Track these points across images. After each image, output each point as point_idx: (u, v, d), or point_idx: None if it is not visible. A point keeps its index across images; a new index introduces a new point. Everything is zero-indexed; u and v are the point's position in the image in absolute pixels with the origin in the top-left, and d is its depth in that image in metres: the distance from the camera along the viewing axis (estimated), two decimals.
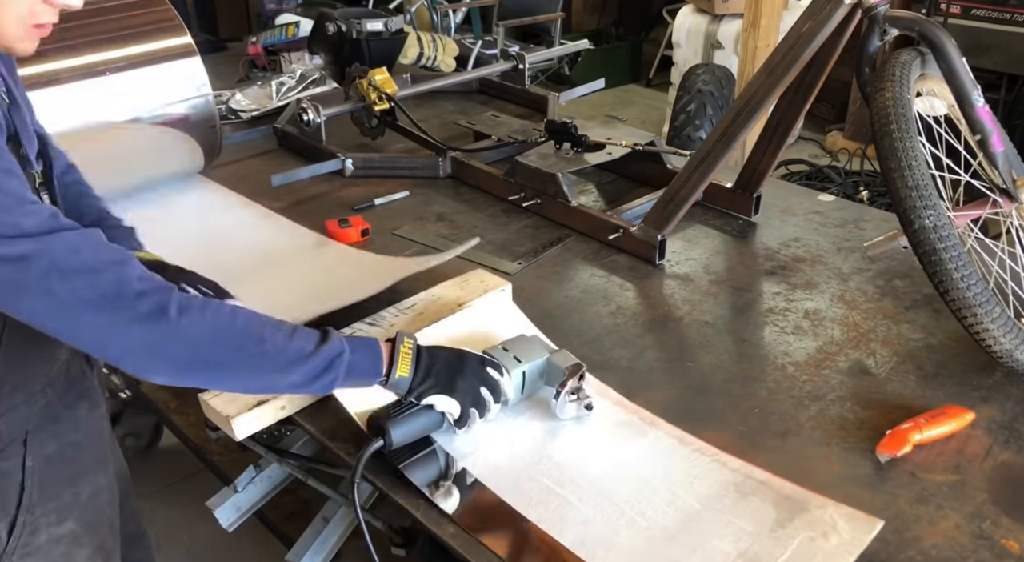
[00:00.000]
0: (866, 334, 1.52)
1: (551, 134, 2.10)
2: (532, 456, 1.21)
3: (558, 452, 1.22)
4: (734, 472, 1.18)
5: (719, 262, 1.79)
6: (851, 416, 1.31)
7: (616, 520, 1.10)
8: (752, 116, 1.69)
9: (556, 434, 1.26)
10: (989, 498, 1.15)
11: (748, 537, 1.07)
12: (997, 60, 3.81)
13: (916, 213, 1.32)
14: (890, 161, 1.36)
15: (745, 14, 3.61)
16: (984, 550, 1.07)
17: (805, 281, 1.70)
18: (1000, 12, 3.78)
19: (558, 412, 1.26)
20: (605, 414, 1.29)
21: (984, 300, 1.31)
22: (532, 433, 1.26)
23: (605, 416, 1.29)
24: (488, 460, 1.20)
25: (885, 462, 1.21)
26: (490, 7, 3.44)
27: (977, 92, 1.46)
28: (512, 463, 1.20)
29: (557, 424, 1.27)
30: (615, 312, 1.60)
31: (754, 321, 1.58)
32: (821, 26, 1.60)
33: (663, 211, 1.78)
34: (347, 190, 2.10)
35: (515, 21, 3.20)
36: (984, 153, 1.48)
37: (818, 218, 1.96)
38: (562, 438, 1.25)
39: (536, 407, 1.30)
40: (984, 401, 1.34)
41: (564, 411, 1.26)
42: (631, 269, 1.76)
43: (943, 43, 1.45)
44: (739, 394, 1.37)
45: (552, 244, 1.85)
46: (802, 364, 1.44)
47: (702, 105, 4.09)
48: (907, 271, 1.71)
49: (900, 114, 1.38)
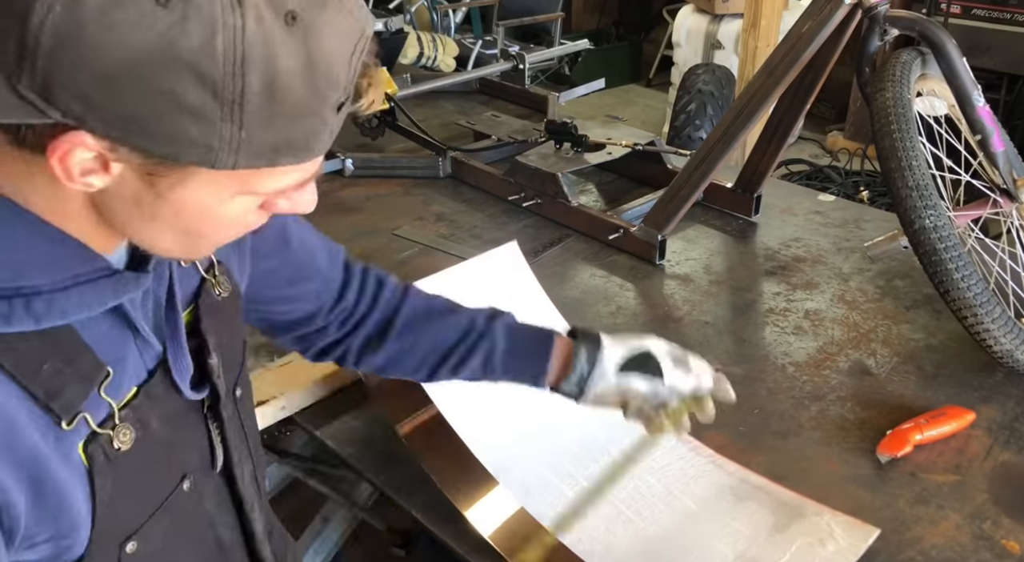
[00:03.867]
0: (866, 334, 1.52)
1: (551, 134, 2.10)
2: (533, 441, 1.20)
3: (557, 446, 1.22)
4: (730, 475, 1.18)
5: (719, 262, 1.79)
6: (851, 416, 1.31)
7: (614, 519, 1.10)
8: (752, 116, 1.69)
9: (555, 429, 1.25)
10: (990, 498, 1.15)
11: (745, 540, 1.07)
12: (997, 60, 3.80)
13: (916, 213, 1.32)
14: (890, 161, 1.36)
15: (745, 14, 3.60)
16: (984, 550, 1.06)
17: (805, 281, 1.70)
18: (1000, 12, 3.78)
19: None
20: (603, 411, 1.29)
21: (984, 300, 1.31)
22: (530, 424, 1.25)
23: (602, 413, 1.29)
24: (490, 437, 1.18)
25: (885, 462, 1.21)
26: (490, 7, 3.43)
27: (977, 92, 1.46)
28: (512, 446, 1.19)
29: (555, 416, 1.26)
30: (615, 312, 1.60)
31: (754, 321, 1.58)
32: (821, 26, 1.60)
33: (663, 211, 1.78)
34: (347, 190, 2.10)
35: (515, 21, 3.20)
36: (984, 153, 1.48)
37: (818, 218, 1.96)
38: (561, 434, 1.25)
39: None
40: (984, 401, 1.33)
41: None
42: (631, 269, 1.76)
43: (943, 43, 1.45)
44: (739, 394, 1.37)
45: (552, 244, 1.85)
46: (802, 364, 1.44)
47: (702, 105, 4.08)
48: (907, 271, 1.71)
49: (900, 114, 1.38)
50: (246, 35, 0.53)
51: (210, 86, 0.53)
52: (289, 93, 0.55)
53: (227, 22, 0.52)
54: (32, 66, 0.52)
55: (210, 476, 0.82)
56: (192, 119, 0.54)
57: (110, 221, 0.63)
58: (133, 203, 0.60)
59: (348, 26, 0.58)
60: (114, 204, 0.61)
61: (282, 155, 0.58)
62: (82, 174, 0.56)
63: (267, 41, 0.53)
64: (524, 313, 1.28)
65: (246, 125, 0.55)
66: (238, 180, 0.60)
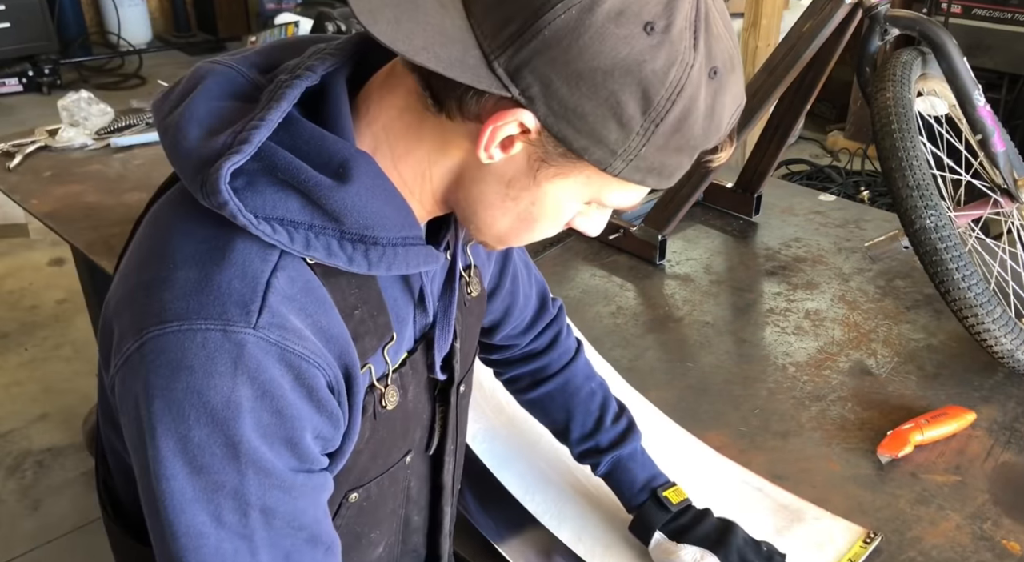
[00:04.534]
0: (867, 334, 1.52)
1: None
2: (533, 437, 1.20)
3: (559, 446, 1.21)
4: (730, 477, 1.18)
5: (719, 262, 1.79)
6: (852, 416, 1.31)
7: (614, 520, 1.10)
8: (753, 116, 1.69)
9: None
10: (990, 499, 1.15)
11: None
12: (998, 60, 3.80)
13: (917, 213, 1.32)
14: (891, 161, 1.36)
15: (745, 14, 3.60)
16: (985, 551, 1.06)
17: (806, 281, 1.70)
18: (1001, 12, 3.78)
19: None
20: None
21: (985, 300, 1.31)
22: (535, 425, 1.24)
23: None
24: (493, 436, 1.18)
25: (886, 463, 1.21)
26: None
27: (978, 92, 1.46)
28: (512, 443, 1.18)
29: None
30: (615, 312, 1.60)
31: (755, 321, 1.58)
32: (822, 26, 1.60)
33: (663, 211, 1.78)
34: None
35: None
36: (985, 153, 1.48)
37: (819, 218, 1.96)
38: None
39: None
40: (985, 401, 1.33)
41: None
42: (631, 269, 1.75)
43: (944, 43, 1.45)
44: (740, 394, 1.37)
45: (552, 244, 1.85)
46: (803, 364, 1.44)
47: None
48: (908, 271, 1.70)
49: (901, 114, 1.37)
50: (691, 73, 0.61)
51: (647, 104, 0.61)
52: (690, 129, 0.64)
53: (684, 59, 0.61)
54: (518, 50, 0.59)
55: (423, 458, 0.89)
56: (617, 126, 0.62)
57: (462, 194, 0.70)
58: (506, 183, 0.67)
59: (739, 93, 0.67)
60: (486, 180, 0.68)
61: (652, 177, 0.66)
62: (498, 145, 0.64)
63: (698, 83, 0.62)
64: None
65: (649, 143, 0.63)
66: (600, 187, 0.68)
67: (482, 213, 0.71)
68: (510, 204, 0.69)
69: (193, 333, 0.61)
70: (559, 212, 0.70)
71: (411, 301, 0.78)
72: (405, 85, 0.67)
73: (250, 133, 0.62)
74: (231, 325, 0.61)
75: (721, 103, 0.64)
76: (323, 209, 0.64)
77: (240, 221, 0.61)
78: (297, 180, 0.63)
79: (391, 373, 0.76)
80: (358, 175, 0.65)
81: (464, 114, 0.63)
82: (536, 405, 1.12)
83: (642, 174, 0.65)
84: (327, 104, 0.68)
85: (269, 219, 0.63)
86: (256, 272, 0.63)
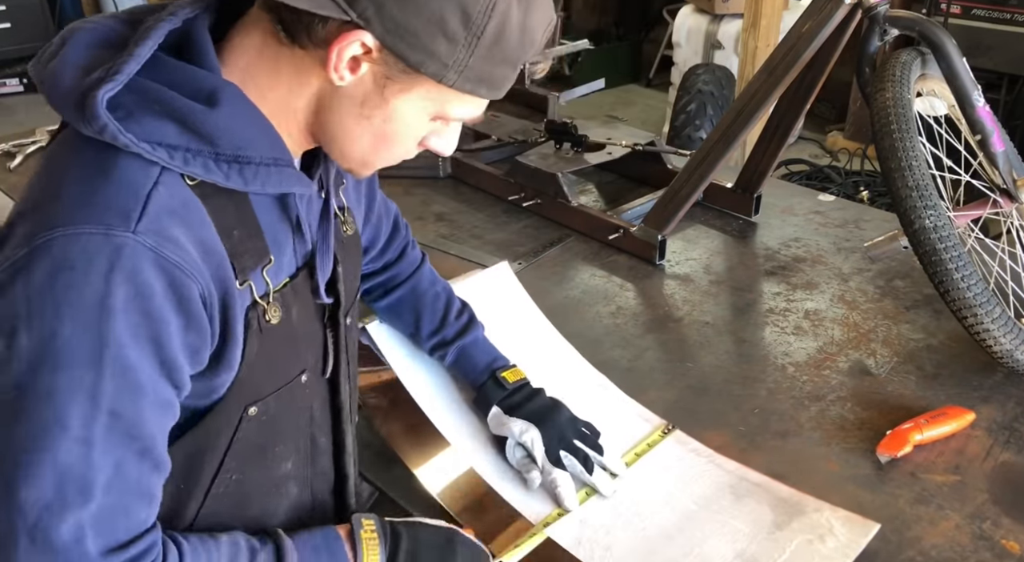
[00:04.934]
0: (866, 334, 1.52)
1: (551, 134, 2.10)
2: None
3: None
4: (729, 474, 1.18)
5: (719, 262, 1.79)
6: (851, 416, 1.31)
7: (613, 520, 1.10)
8: (752, 116, 1.69)
9: None
10: (989, 498, 1.15)
11: (745, 538, 1.07)
12: (998, 60, 3.80)
13: (916, 213, 1.32)
14: (890, 161, 1.36)
15: (745, 14, 3.60)
16: (984, 550, 1.06)
17: (805, 281, 1.70)
18: (1001, 12, 3.78)
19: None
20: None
21: (984, 300, 1.31)
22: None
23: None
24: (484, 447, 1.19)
25: (885, 462, 1.21)
26: None
27: (977, 92, 1.46)
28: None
29: None
30: (615, 312, 1.60)
31: (754, 321, 1.58)
32: (821, 26, 1.60)
33: (663, 211, 1.78)
34: None
35: None
36: (984, 153, 1.48)
37: (818, 218, 1.96)
38: None
39: None
40: (984, 401, 1.33)
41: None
42: (631, 269, 1.76)
43: (943, 43, 1.45)
44: (739, 394, 1.37)
45: (552, 244, 1.85)
46: (802, 364, 1.44)
47: (702, 105, 4.08)
48: (907, 271, 1.71)
49: (900, 114, 1.38)
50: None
51: (466, 19, 0.71)
52: (508, 41, 0.74)
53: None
54: None
55: (320, 381, 0.95)
56: (445, 40, 0.71)
57: (323, 120, 0.78)
58: (359, 102, 0.76)
59: (548, 11, 0.77)
60: (341, 100, 0.77)
61: (483, 87, 0.76)
62: (346, 67, 0.73)
63: (508, 2, 0.72)
64: (520, 332, 1.29)
65: (475, 55, 0.73)
66: (441, 101, 0.77)
67: (342, 136, 0.79)
68: (365, 124, 0.78)
69: (77, 237, 0.67)
70: (409, 128, 0.79)
71: (289, 228, 0.85)
72: (260, 27, 0.76)
73: (121, 65, 0.69)
74: (112, 230, 0.68)
75: (533, 18, 0.75)
76: (198, 133, 0.71)
77: (121, 141, 0.68)
78: (171, 108, 0.71)
79: (272, 292, 0.82)
80: (227, 100, 0.73)
81: (313, 41, 0.72)
82: (390, 310, 1.22)
83: (473, 84, 0.75)
84: (192, 44, 0.75)
85: (149, 141, 0.70)
86: (138, 185, 0.70)
